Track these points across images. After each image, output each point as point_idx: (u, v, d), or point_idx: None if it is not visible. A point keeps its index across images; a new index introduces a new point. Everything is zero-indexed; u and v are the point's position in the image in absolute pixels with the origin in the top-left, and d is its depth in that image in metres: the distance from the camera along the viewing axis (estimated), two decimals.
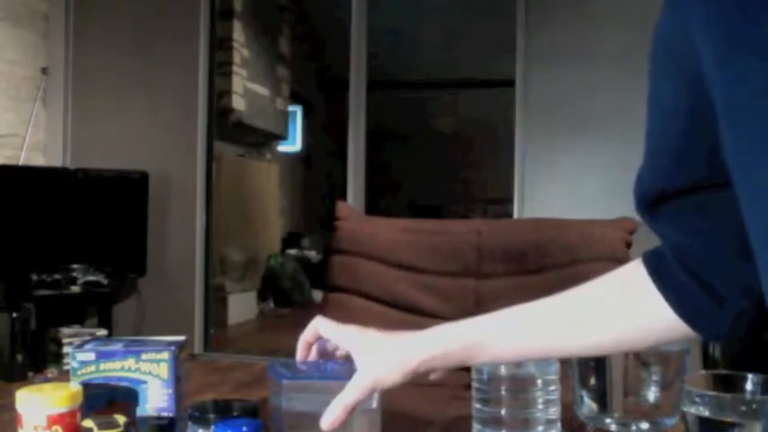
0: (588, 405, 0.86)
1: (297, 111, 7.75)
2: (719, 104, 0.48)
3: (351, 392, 0.79)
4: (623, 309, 0.70)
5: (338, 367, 0.92)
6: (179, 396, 0.98)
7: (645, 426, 0.86)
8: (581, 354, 0.84)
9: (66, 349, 3.70)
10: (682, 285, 0.65)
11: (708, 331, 0.66)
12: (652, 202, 0.63)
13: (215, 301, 5.09)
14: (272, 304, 6.83)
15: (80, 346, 0.99)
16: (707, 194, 0.58)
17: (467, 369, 0.92)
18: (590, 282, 0.74)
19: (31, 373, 3.54)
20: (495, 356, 0.77)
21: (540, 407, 0.91)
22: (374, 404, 0.87)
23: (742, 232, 0.48)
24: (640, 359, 0.86)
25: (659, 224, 0.65)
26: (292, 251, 7.35)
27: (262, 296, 6.72)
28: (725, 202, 0.52)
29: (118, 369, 0.96)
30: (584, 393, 0.87)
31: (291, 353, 0.89)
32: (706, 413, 0.79)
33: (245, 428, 0.80)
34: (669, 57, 0.56)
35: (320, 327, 0.85)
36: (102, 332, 3.89)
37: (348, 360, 0.82)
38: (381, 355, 0.77)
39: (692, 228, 0.62)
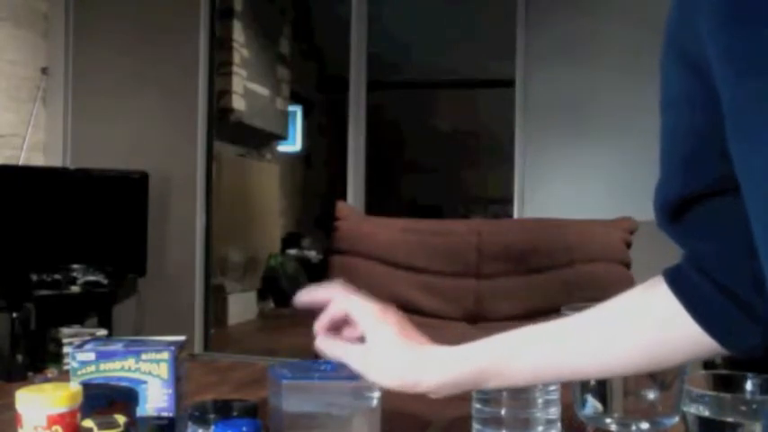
0: (593, 405, 0.86)
1: (297, 111, 7.75)
2: (724, 104, 0.48)
3: (343, 354, 0.77)
4: (645, 327, 0.67)
5: (338, 367, 0.92)
6: (179, 396, 0.98)
7: (645, 426, 0.85)
8: (601, 375, 0.80)
9: (66, 349, 3.70)
10: (706, 298, 0.61)
11: (737, 345, 0.62)
12: (672, 212, 0.60)
13: (215, 301, 5.09)
14: (272, 304, 6.83)
15: (80, 346, 0.99)
16: (726, 198, 0.55)
17: None
18: (606, 301, 0.69)
19: (31, 373, 3.54)
20: (509, 382, 0.73)
21: (540, 407, 0.90)
22: (374, 404, 0.88)
23: None
24: None
25: (682, 234, 0.62)
26: (292, 251, 7.35)
27: (262, 296, 6.72)
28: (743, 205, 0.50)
29: (118, 369, 0.96)
30: (588, 393, 0.87)
31: (291, 353, 0.89)
32: (706, 413, 0.79)
33: (245, 428, 0.80)
34: (679, 48, 0.55)
35: (336, 300, 0.80)
36: (102, 332, 3.89)
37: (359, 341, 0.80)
38: (391, 362, 0.74)
39: (715, 234, 0.59)
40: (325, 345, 0.79)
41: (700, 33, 0.49)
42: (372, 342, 0.75)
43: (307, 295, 0.81)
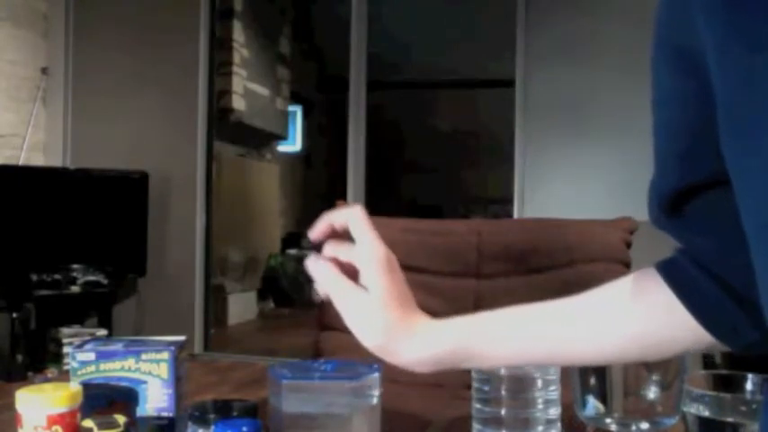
0: (594, 405, 0.86)
1: (297, 111, 7.75)
2: (718, 94, 0.47)
3: (333, 289, 0.71)
4: (637, 316, 0.65)
5: (338, 367, 0.92)
6: (179, 396, 0.98)
7: (645, 426, 0.85)
8: (589, 362, 0.78)
9: (66, 349, 3.70)
10: (703, 292, 0.60)
11: (734, 340, 0.60)
12: (669, 207, 0.59)
13: (215, 301, 5.09)
14: (272, 304, 6.83)
15: (80, 346, 0.99)
16: (723, 191, 0.53)
17: (467, 368, 0.92)
18: (597, 288, 0.67)
19: (31, 373, 3.54)
20: (491, 363, 0.71)
21: (540, 407, 0.90)
22: (374, 404, 0.88)
23: None
24: None
25: (679, 229, 0.60)
26: (292, 251, 7.35)
27: (262, 296, 6.72)
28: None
29: (118, 369, 0.96)
30: (590, 394, 0.87)
31: (291, 353, 0.89)
32: (706, 413, 0.79)
33: (245, 428, 0.80)
34: (671, 43, 0.54)
35: (353, 226, 0.73)
36: (102, 332, 3.89)
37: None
38: (376, 324, 0.70)
39: (714, 228, 0.58)
40: (317, 269, 0.72)
41: (693, 25, 0.49)
42: (368, 293, 0.71)
43: (322, 226, 0.74)
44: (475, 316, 0.71)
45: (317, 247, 0.75)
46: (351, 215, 0.73)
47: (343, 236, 0.74)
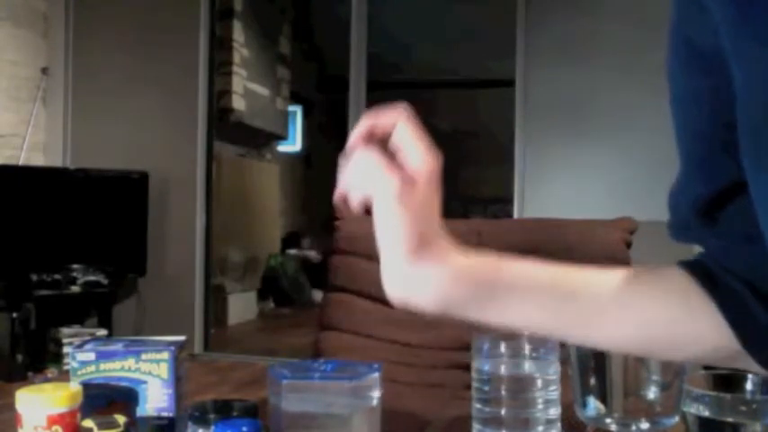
0: (595, 406, 0.86)
1: (297, 111, 7.75)
2: (737, 89, 0.45)
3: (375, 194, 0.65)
4: (658, 307, 0.61)
5: (338, 367, 0.92)
6: (179, 396, 0.98)
7: (645, 426, 0.85)
8: (588, 342, 0.76)
9: (66, 349, 3.70)
10: (732, 292, 0.57)
11: (759, 344, 0.56)
12: (699, 216, 0.56)
13: (215, 301, 5.09)
14: (272, 304, 6.83)
15: (80, 346, 0.99)
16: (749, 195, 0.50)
17: (467, 369, 0.92)
18: (618, 271, 0.63)
19: (31, 373, 3.54)
20: (498, 318, 0.66)
21: (540, 407, 0.90)
22: (374, 404, 0.88)
23: None
24: (641, 359, 0.86)
25: (708, 237, 0.58)
26: (292, 251, 7.35)
27: (262, 296, 6.72)
28: None
29: (118, 369, 0.96)
30: (590, 394, 0.87)
31: (291, 353, 0.89)
32: (706, 413, 0.79)
33: (245, 428, 0.80)
34: (685, 43, 0.53)
35: (400, 134, 0.66)
36: (102, 332, 3.89)
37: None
38: (403, 266, 0.65)
39: (744, 234, 0.55)
40: (365, 157, 0.64)
41: (708, 19, 0.47)
42: (404, 244, 0.65)
43: (363, 130, 0.65)
44: (502, 265, 0.67)
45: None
46: (397, 120, 0.65)
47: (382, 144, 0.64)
